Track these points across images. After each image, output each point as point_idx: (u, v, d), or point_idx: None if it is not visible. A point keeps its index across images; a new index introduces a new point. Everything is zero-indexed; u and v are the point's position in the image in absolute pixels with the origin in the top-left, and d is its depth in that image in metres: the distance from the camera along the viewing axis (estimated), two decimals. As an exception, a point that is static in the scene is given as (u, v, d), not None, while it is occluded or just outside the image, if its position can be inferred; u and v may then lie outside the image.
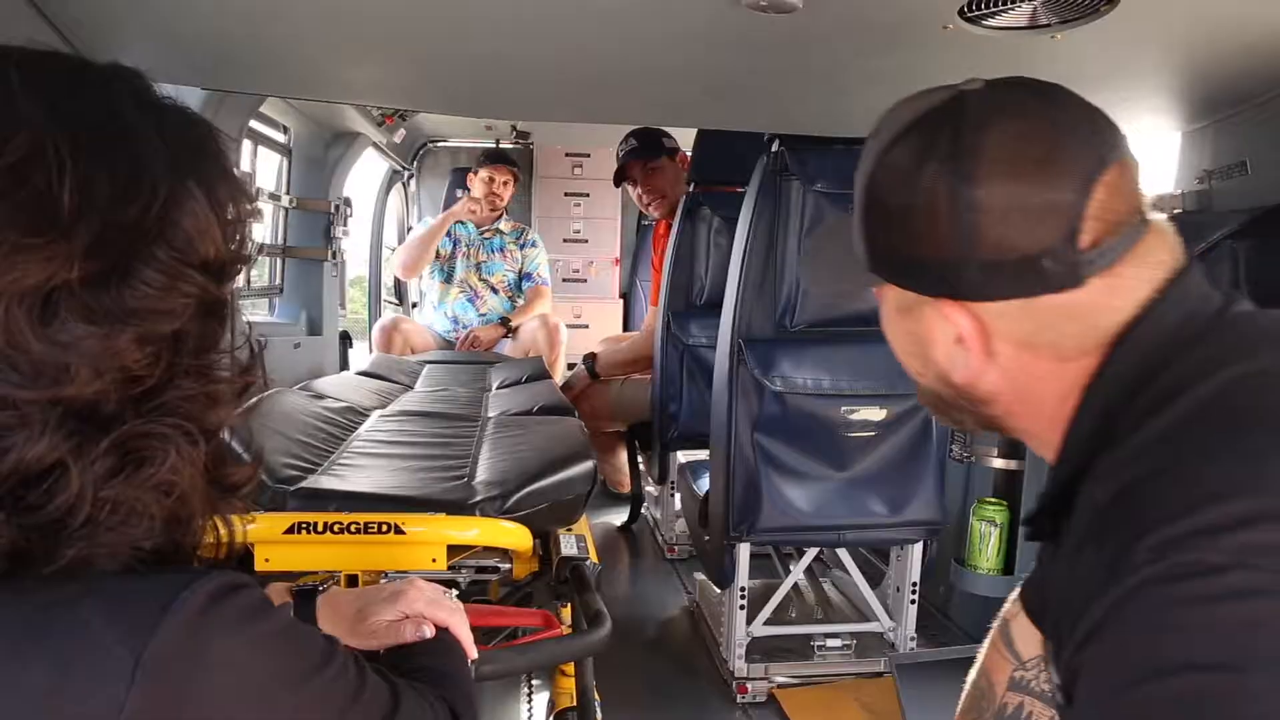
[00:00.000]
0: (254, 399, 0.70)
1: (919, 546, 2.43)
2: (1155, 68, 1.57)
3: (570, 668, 1.70)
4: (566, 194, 5.35)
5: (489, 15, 1.41)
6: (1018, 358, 0.78)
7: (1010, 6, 1.27)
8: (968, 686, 1.13)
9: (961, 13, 1.29)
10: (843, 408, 2.26)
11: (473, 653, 1.02)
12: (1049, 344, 0.76)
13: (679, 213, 3.41)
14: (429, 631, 0.96)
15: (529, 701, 2.28)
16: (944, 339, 0.80)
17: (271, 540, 1.43)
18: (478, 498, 1.66)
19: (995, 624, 1.08)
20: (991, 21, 1.31)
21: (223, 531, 0.68)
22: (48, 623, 0.53)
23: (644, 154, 3.75)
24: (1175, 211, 1.94)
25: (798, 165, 2.23)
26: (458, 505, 1.62)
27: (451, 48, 1.64)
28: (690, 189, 3.40)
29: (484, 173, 4.37)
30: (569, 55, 1.66)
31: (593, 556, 1.78)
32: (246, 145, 2.94)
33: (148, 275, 0.58)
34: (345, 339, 3.91)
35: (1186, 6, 1.31)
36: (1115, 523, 0.64)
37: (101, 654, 0.53)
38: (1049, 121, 0.74)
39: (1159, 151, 2.23)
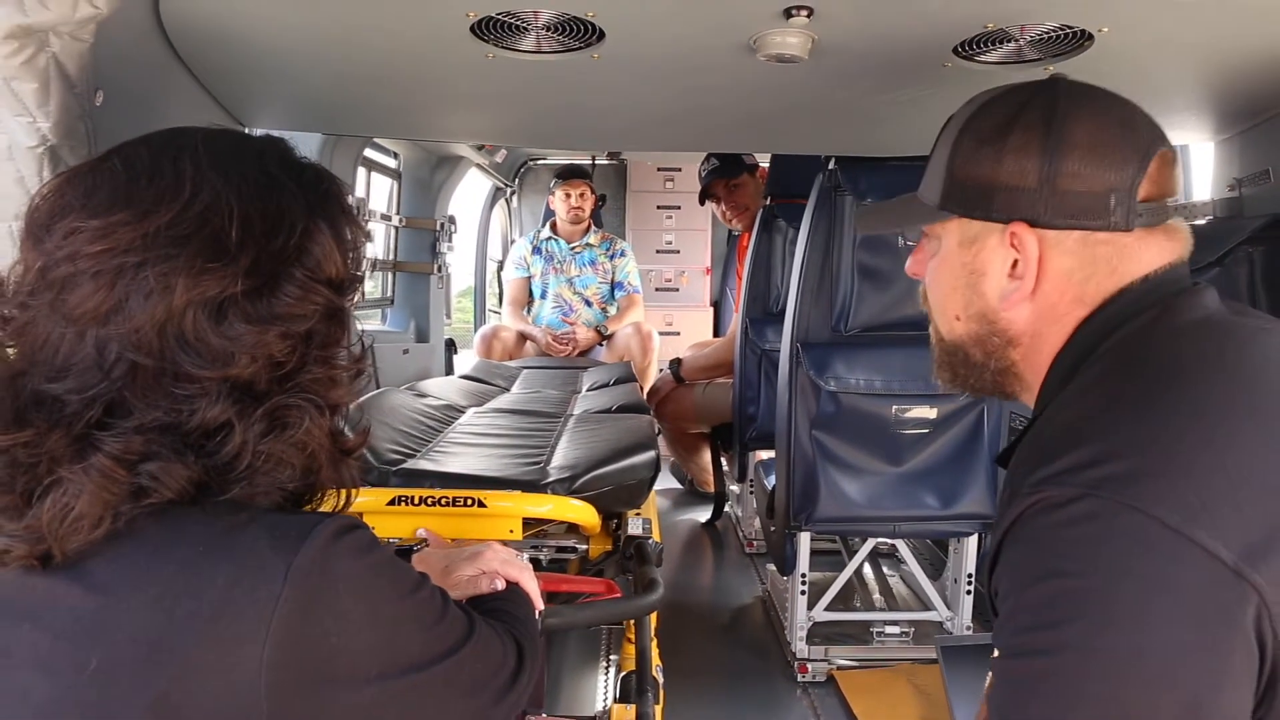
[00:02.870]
0: (368, 394, 0.93)
1: (974, 539, 2.53)
2: (1158, 88, 1.66)
3: (633, 633, 1.91)
4: (659, 207, 5.56)
5: (564, 76, 1.64)
6: (1050, 294, 0.90)
7: (997, 46, 1.44)
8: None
9: (956, 51, 1.46)
10: (894, 406, 2.38)
11: (539, 604, 1.16)
12: (1077, 284, 0.89)
13: (756, 225, 3.54)
14: (501, 585, 1.12)
15: (605, 673, 2.52)
16: (998, 271, 0.91)
17: (376, 511, 1.69)
18: (550, 479, 1.90)
19: None
20: (985, 58, 1.48)
21: (341, 498, 0.88)
22: (230, 538, 0.72)
23: (725, 173, 3.88)
24: (1208, 217, 2.02)
25: (850, 182, 2.39)
26: (533, 485, 1.86)
27: (537, 99, 1.88)
28: (766, 202, 3.53)
29: (560, 191, 4.57)
30: (633, 101, 1.90)
31: (655, 535, 1.99)
32: (361, 172, 3.22)
33: (288, 289, 0.76)
34: (450, 346, 4.21)
35: (1165, 34, 1.42)
36: (1022, 467, 0.81)
37: (263, 562, 0.71)
38: (1122, 104, 0.90)
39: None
